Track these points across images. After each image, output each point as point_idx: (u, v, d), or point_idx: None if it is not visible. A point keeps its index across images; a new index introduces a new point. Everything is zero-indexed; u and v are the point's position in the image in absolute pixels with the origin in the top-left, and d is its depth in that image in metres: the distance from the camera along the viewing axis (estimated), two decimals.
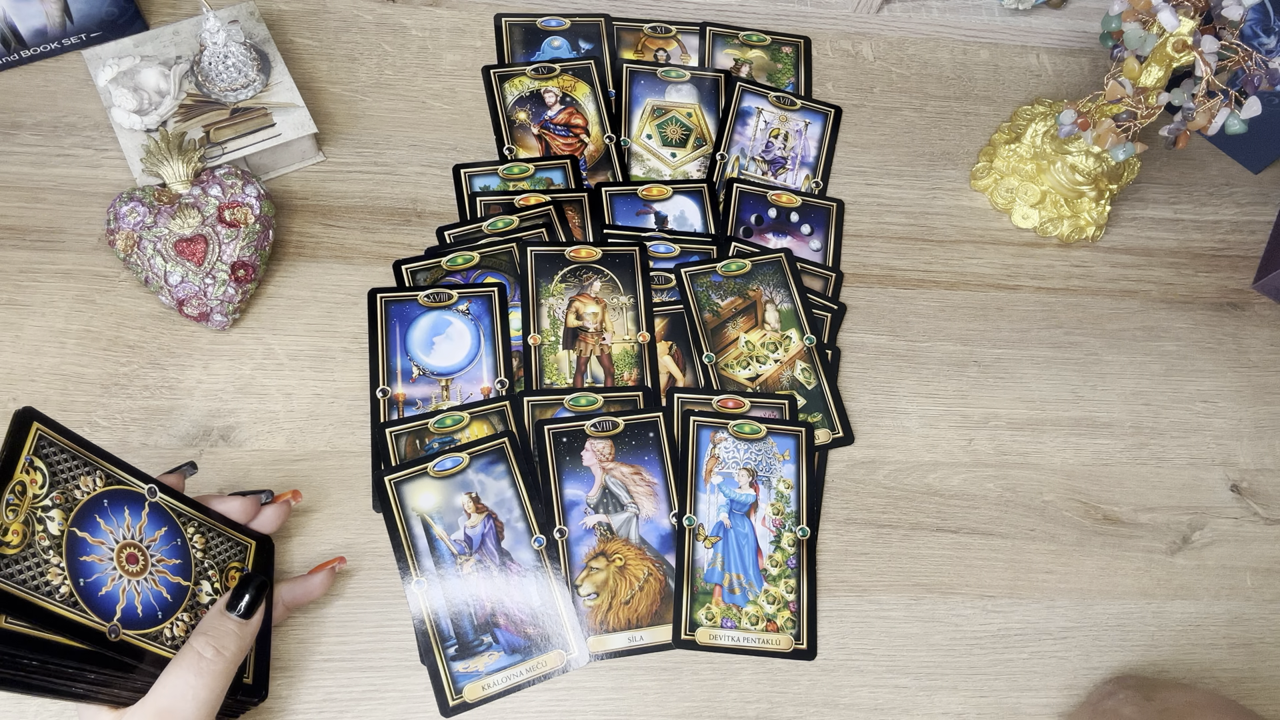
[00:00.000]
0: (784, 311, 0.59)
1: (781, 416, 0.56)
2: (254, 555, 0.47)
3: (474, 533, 0.50)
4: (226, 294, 0.52)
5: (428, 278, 0.56)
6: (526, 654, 0.48)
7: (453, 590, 0.49)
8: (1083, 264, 0.65)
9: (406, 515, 0.50)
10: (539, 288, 0.57)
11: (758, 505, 0.53)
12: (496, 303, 0.55)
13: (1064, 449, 0.58)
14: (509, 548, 0.50)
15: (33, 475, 0.37)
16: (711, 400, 0.55)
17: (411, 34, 0.66)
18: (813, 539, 0.53)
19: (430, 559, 0.49)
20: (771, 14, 0.70)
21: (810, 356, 0.58)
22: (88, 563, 0.38)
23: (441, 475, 0.51)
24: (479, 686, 0.48)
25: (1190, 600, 0.55)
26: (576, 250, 0.58)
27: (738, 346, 0.57)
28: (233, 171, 0.54)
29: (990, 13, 0.72)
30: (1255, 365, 0.63)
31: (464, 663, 0.48)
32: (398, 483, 0.51)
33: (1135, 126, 0.57)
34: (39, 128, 0.58)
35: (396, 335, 0.54)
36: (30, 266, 0.54)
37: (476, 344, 0.54)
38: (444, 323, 0.55)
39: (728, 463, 0.54)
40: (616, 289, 0.57)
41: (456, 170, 0.60)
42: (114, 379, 0.52)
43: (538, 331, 0.55)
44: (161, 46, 0.59)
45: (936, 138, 0.68)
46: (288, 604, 0.47)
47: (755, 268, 0.60)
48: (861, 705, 0.50)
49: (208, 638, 0.40)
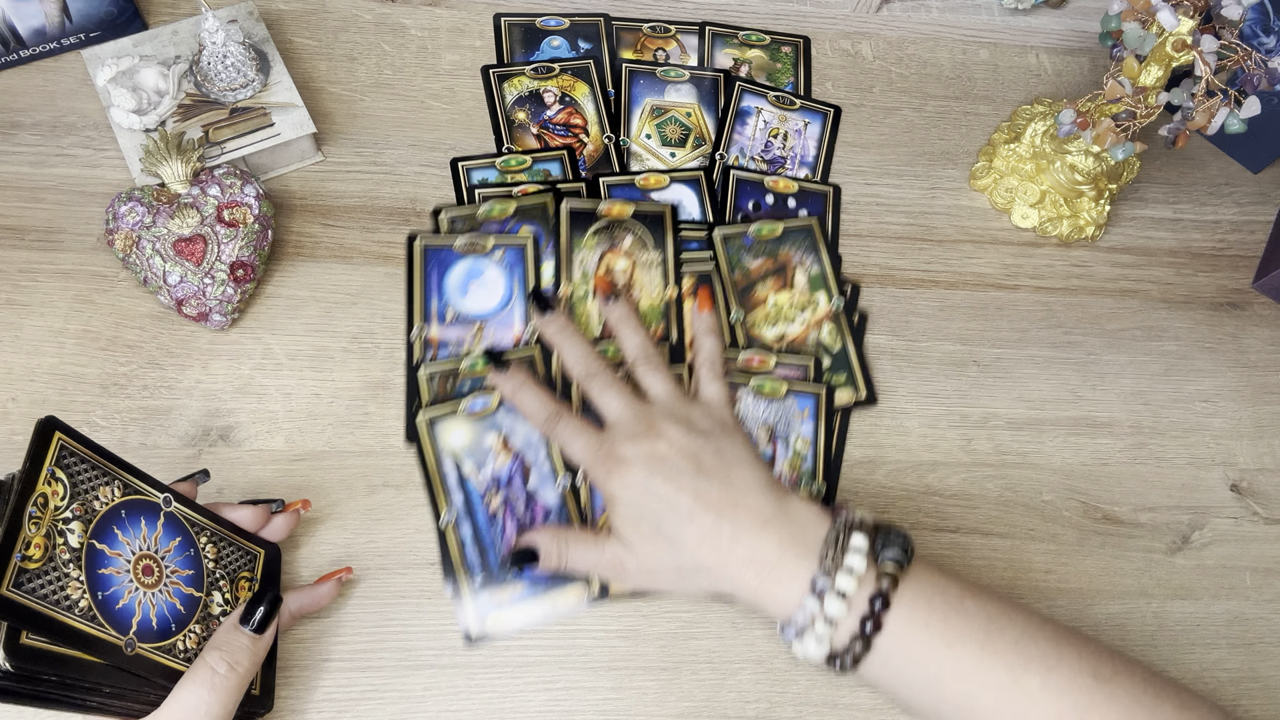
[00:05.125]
0: (813, 275, 0.60)
1: (806, 375, 0.57)
2: (262, 564, 0.47)
3: (501, 472, 0.52)
4: (225, 294, 0.52)
5: (464, 226, 0.58)
6: (549, 588, 0.50)
7: (480, 524, 0.51)
8: (1082, 264, 0.65)
9: (438, 452, 0.52)
10: (572, 241, 0.58)
11: (775, 462, 0.54)
12: (530, 253, 0.57)
13: (1063, 449, 0.58)
14: (534, 488, 0.52)
15: (54, 487, 0.36)
16: (737, 356, 0.57)
17: (411, 34, 0.66)
18: (828, 496, 0.54)
19: (459, 495, 0.51)
20: (771, 14, 0.70)
21: (837, 319, 0.59)
22: (106, 575, 0.38)
23: (472, 416, 0.52)
24: (502, 617, 0.50)
25: (1190, 600, 0.55)
26: (609, 207, 0.59)
27: (766, 307, 0.59)
28: (232, 171, 0.54)
29: (990, 12, 0.72)
30: (1255, 365, 0.63)
31: (488, 593, 0.50)
32: (430, 420, 0.52)
33: (1135, 126, 0.57)
34: (38, 127, 0.58)
35: (433, 279, 0.56)
36: (29, 266, 0.54)
37: (509, 291, 0.56)
38: (479, 269, 0.56)
39: (747, 419, 0.55)
40: (646, 246, 0.59)
41: (454, 163, 0.60)
42: (113, 379, 0.52)
43: (569, 282, 0.57)
44: (160, 46, 0.59)
45: (936, 137, 0.68)
46: (294, 612, 0.47)
47: (787, 232, 0.61)
48: (861, 705, 0.50)
49: (221, 653, 0.40)
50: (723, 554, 0.46)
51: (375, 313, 0.56)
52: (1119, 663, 0.44)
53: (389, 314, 0.56)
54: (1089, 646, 0.45)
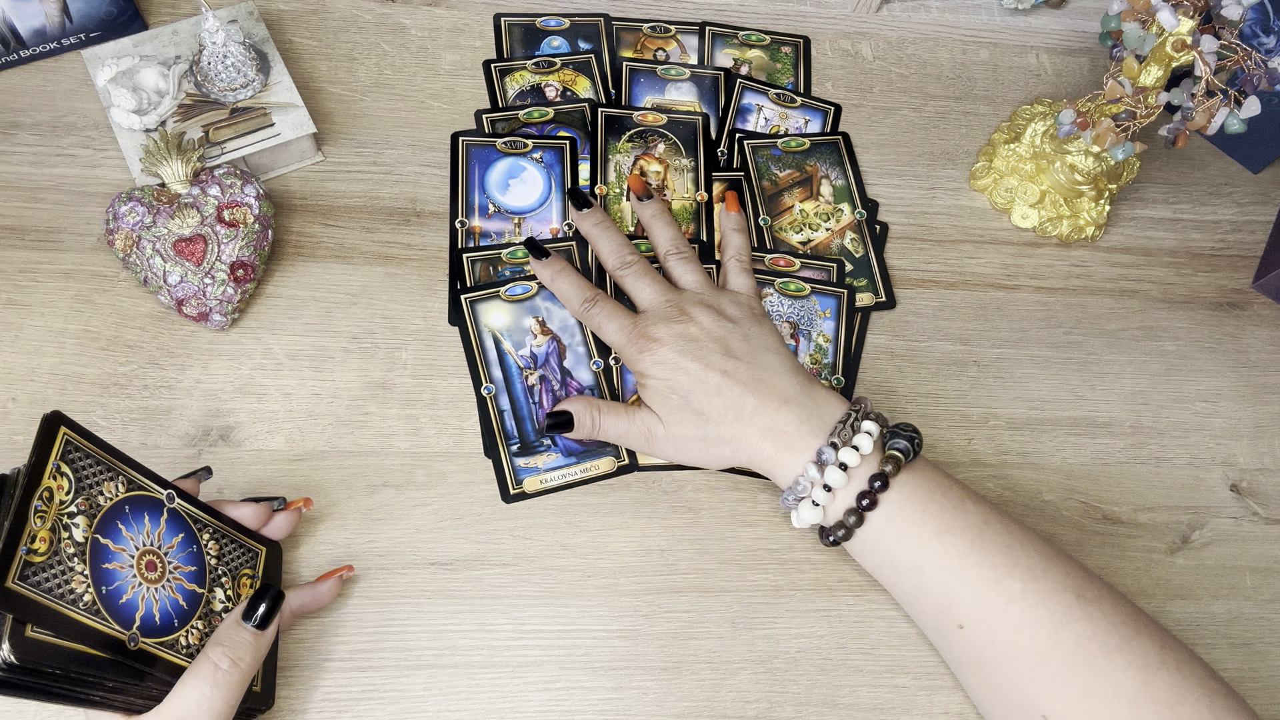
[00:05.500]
0: (838, 187, 0.63)
1: (829, 279, 0.60)
2: (264, 562, 0.47)
3: (539, 351, 0.55)
4: (225, 294, 0.52)
5: (505, 128, 0.61)
6: (582, 458, 0.54)
7: (518, 397, 0.54)
8: (1082, 264, 0.65)
9: (479, 330, 0.55)
10: (607, 144, 0.62)
11: (797, 354, 0.57)
12: (568, 154, 0.61)
13: (1063, 449, 0.58)
14: (570, 367, 0.55)
15: (59, 481, 0.37)
16: (764, 257, 0.59)
17: (411, 34, 0.66)
18: (847, 390, 0.57)
19: (499, 370, 0.55)
20: (771, 14, 0.70)
21: (860, 228, 0.62)
22: (110, 570, 0.38)
23: (512, 299, 0.56)
24: (537, 480, 0.53)
25: (1189, 600, 0.55)
26: (644, 114, 0.63)
27: (792, 213, 0.62)
28: (232, 171, 0.54)
29: (990, 13, 0.72)
30: (1255, 365, 0.63)
31: (524, 459, 0.53)
32: (472, 301, 0.56)
33: (1134, 126, 0.57)
34: (38, 127, 0.58)
35: (476, 175, 0.60)
36: (29, 266, 0.54)
37: (548, 188, 0.60)
38: (519, 167, 0.60)
39: (772, 315, 0.58)
40: (679, 152, 0.62)
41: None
42: (113, 379, 0.52)
43: (604, 183, 0.60)
44: (160, 46, 0.59)
45: (936, 137, 0.68)
46: (295, 610, 0.47)
47: (814, 146, 0.65)
48: (861, 705, 0.50)
49: (224, 648, 0.40)
50: (745, 424, 0.49)
51: (375, 313, 0.56)
52: (1105, 590, 0.45)
53: (389, 314, 0.56)
54: (1079, 570, 0.46)
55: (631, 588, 0.51)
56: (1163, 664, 0.43)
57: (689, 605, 0.51)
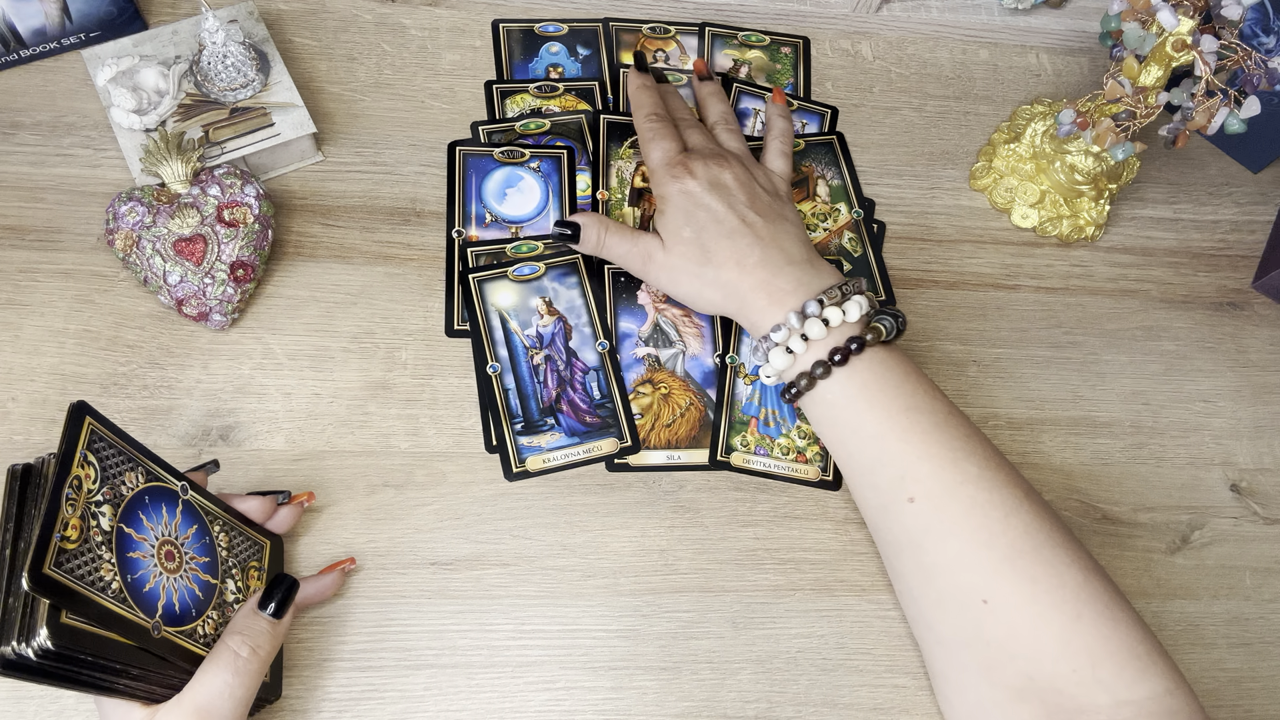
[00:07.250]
0: (834, 187, 0.64)
1: None
2: (269, 554, 0.47)
3: (545, 331, 0.56)
4: (225, 294, 0.52)
5: (503, 138, 0.62)
6: (585, 438, 0.54)
7: (522, 376, 0.55)
8: (1082, 264, 0.65)
9: (486, 309, 0.56)
10: (609, 151, 0.62)
11: None
12: (565, 163, 0.61)
13: (1063, 449, 0.58)
14: (575, 347, 0.56)
15: (86, 470, 0.37)
16: None
17: (411, 34, 0.66)
18: None
19: (505, 349, 0.55)
20: (770, 14, 0.70)
21: (858, 228, 0.63)
22: (134, 559, 0.38)
23: (520, 279, 0.57)
24: (540, 459, 0.53)
25: (1189, 600, 0.55)
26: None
27: None
28: (232, 171, 0.54)
29: (990, 12, 0.72)
30: (1255, 365, 0.63)
31: (528, 438, 0.54)
32: (480, 281, 0.57)
33: (1134, 126, 0.57)
34: (38, 127, 0.58)
35: (473, 185, 0.60)
36: (29, 266, 0.54)
37: (545, 198, 0.60)
38: (516, 177, 0.60)
39: None
40: None
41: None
42: (113, 379, 0.52)
43: (606, 189, 0.61)
44: (160, 46, 0.59)
45: (936, 137, 0.68)
46: (298, 604, 0.47)
47: (809, 146, 0.65)
48: (861, 705, 0.50)
49: (243, 636, 0.41)
50: (744, 274, 0.51)
51: (375, 313, 0.56)
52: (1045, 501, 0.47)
53: (389, 314, 0.56)
54: (1025, 479, 0.47)
55: (631, 588, 0.51)
56: (1098, 570, 0.45)
57: (689, 605, 0.51)
